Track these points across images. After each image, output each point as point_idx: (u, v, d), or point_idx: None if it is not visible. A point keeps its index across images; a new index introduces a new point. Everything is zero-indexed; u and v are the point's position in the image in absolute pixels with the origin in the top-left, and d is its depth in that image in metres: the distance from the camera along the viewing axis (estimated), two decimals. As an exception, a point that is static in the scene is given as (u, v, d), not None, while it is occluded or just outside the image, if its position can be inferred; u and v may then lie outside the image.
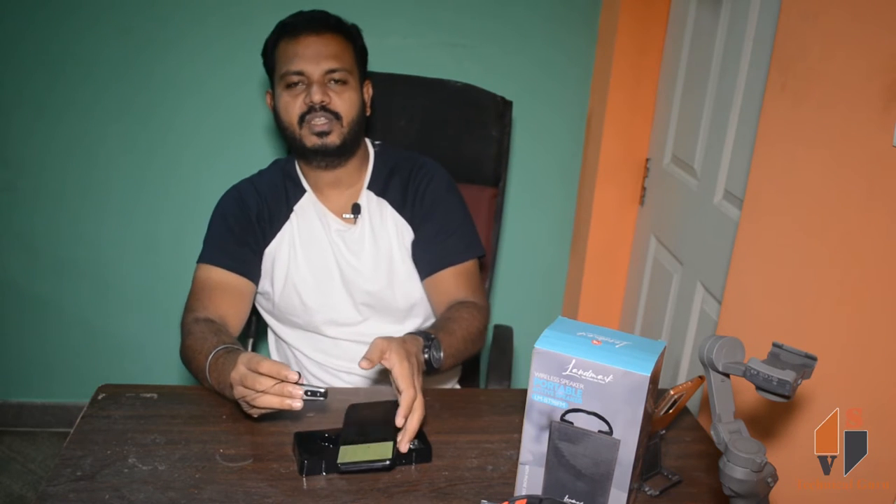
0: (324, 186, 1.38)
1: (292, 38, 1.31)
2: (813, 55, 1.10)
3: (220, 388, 1.11)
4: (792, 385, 0.74)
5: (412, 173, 1.42)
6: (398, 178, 1.41)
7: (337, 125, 1.30)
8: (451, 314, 1.30)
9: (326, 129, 1.30)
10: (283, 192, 1.39)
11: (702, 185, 1.70)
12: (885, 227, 0.95)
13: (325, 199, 1.39)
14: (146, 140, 2.07)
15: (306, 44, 1.29)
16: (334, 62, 1.29)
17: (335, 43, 1.31)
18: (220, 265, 1.33)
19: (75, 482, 0.94)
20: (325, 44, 1.30)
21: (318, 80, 1.29)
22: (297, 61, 1.29)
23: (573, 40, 2.10)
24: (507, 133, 1.67)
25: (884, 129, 0.94)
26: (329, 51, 1.30)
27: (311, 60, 1.29)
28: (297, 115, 1.30)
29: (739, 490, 0.76)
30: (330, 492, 0.96)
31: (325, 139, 1.30)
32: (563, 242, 2.30)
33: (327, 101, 1.29)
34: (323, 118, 1.29)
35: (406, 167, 1.43)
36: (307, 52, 1.29)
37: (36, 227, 2.13)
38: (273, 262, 1.36)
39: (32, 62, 1.97)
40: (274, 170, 1.44)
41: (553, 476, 0.89)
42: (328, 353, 1.40)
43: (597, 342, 0.85)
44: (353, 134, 1.33)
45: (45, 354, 2.26)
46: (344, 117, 1.31)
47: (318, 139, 1.30)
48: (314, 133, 1.30)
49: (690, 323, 1.73)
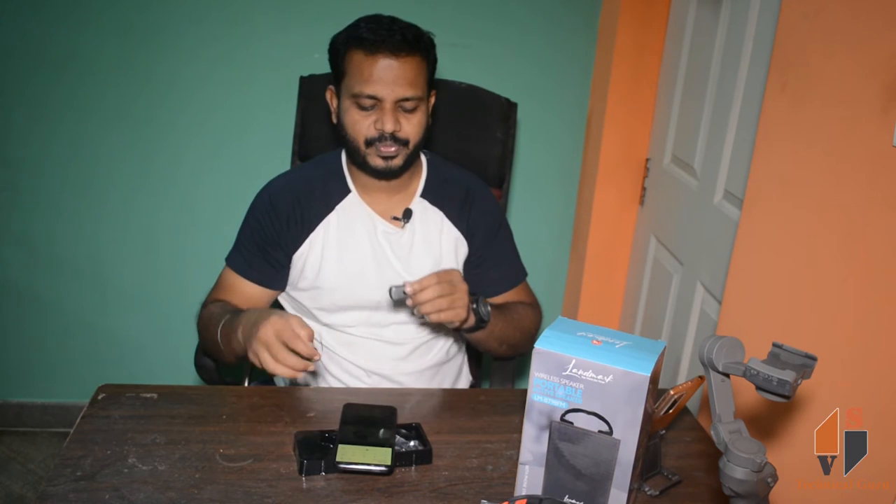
0: (372, 189, 1.37)
1: (369, 55, 1.24)
2: (813, 55, 1.10)
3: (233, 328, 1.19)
4: (792, 385, 0.74)
5: (471, 190, 1.44)
6: (455, 191, 1.42)
7: (404, 150, 1.30)
8: (506, 305, 1.40)
9: (393, 154, 1.29)
10: (324, 190, 1.38)
11: (702, 185, 1.70)
12: (886, 227, 0.95)
13: (372, 202, 1.38)
14: (146, 140, 2.07)
15: (384, 66, 1.23)
16: (410, 90, 1.25)
17: (412, 67, 1.25)
18: (244, 276, 1.37)
19: (75, 482, 0.94)
20: (404, 68, 1.24)
21: (391, 108, 1.25)
22: (373, 85, 1.24)
23: (573, 40, 2.10)
24: (511, 135, 1.66)
25: (884, 129, 0.94)
26: (407, 77, 1.25)
27: (387, 86, 1.24)
28: (365, 137, 1.28)
29: (739, 490, 0.76)
30: (330, 492, 0.96)
31: (391, 162, 1.30)
32: (563, 242, 2.30)
33: (398, 130, 1.27)
34: (393, 146, 1.28)
35: (463, 182, 1.44)
36: (384, 76, 1.23)
37: (36, 227, 2.13)
38: (304, 262, 1.36)
39: (32, 62, 1.97)
40: (316, 166, 1.43)
41: (553, 476, 0.89)
42: (354, 352, 1.39)
43: (597, 342, 0.85)
44: (416, 153, 1.34)
45: (45, 354, 2.26)
46: (411, 142, 1.30)
47: (383, 162, 1.30)
48: (380, 156, 1.29)
49: (690, 323, 1.73)
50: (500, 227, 1.47)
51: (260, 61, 2.03)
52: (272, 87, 2.02)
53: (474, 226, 1.42)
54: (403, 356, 1.40)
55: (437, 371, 1.44)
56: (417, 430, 1.08)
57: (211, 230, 2.13)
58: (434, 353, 1.43)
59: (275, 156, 1.99)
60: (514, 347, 1.41)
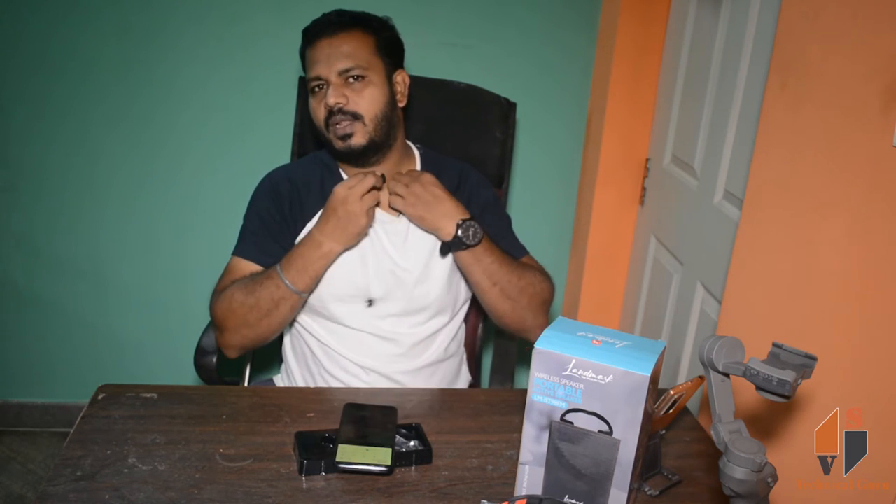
0: None
1: (310, 45, 1.33)
2: (813, 55, 1.10)
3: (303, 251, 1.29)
4: (792, 385, 0.74)
5: (463, 175, 1.46)
6: (449, 178, 1.43)
7: (359, 125, 1.31)
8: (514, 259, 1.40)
9: (349, 132, 1.31)
10: (320, 181, 1.40)
11: (702, 185, 1.70)
12: (886, 227, 0.95)
13: None
14: (146, 140, 2.07)
15: (320, 48, 1.31)
16: (346, 61, 1.30)
17: (350, 40, 1.31)
18: (252, 260, 1.37)
19: (75, 482, 0.94)
20: (338, 44, 1.30)
21: (335, 83, 1.30)
22: (314, 67, 1.31)
23: (573, 40, 2.10)
24: (510, 134, 1.67)
25: (884, 129, 0.94)
26: (342, 50, 1.30)
27: (325, 64, 1.30)
28: (322, 120, 1.32)
29: (739, 490, 0.76)
30: (330, 492, 0.96)
31: (350, 141, 1.32)
32: (563, 242, 2.30)
33: (343, 103, 1.30)
34: (343, 120, 1.30)
35: (453, 168, 1.46)
36: (321, 55, 1.30)
37: (36, 227, 2.13)
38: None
39: (32, 62, 1.97)
40: (310, 160, 1.46)
41: (553, 476, 0.89)
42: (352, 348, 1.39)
43: (597, 342, 0.85)
44: (382, 130, 1.34)
45: (45, 354, 2.26)
46: (365, 115, 1.31)
47: (342, 142, 1.32)
48: (338, 136, 1.32)
49: (690, 323, 1.73)
50: (494, 206, 1.48)
51: (260, 61, 2.03)
52: (272, 87, 2.02)
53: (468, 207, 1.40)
54: (401, 353, 1.40)
55: (435, 369, 1.44)
56: (417, 430, 1.08)
57: (211, 230, 2.13)
58: (432, 350, 1.43)
59: (275, 156, 1.98)
60: (512, 300, 1.35)
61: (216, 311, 1.33)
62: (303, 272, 1.29)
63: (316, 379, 1.42)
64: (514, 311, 1.37)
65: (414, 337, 1.40)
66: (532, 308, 1.37)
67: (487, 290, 1.35)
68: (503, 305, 1.36)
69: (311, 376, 1.43)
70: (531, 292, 1.37)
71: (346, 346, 1.39)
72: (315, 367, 1.42)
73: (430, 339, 1.43)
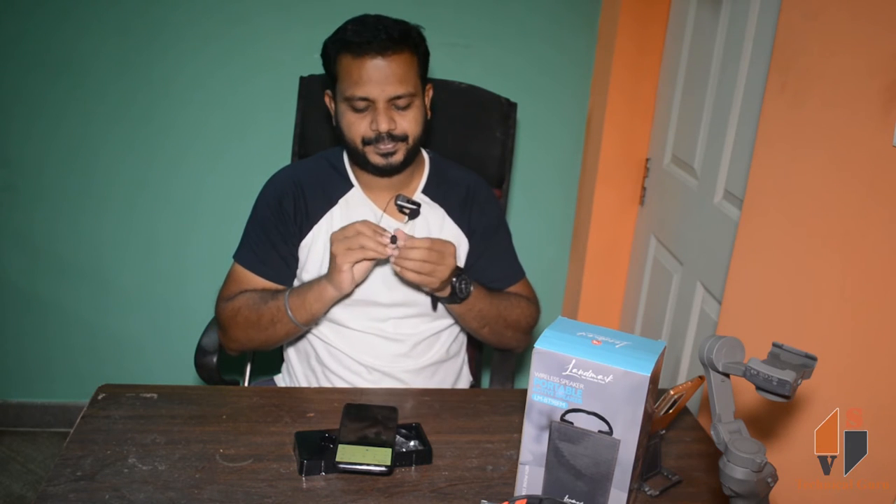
0: (374, 186, 1.38)
1: (356, 58, 1.25)
2: (813, 55, 1.10)
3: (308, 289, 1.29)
4: (792, 385, 0.74)
5: (472, 189, 1.45)
6: (457, 189, 1.43)
7: (402, 146, 1.31)
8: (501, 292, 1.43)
9: (392, 150, 1.30)
10: (326, 184, 1.40)
11: (702, 185, 1.70)
12: (885, 227, 0.95)
13: (375, 197, 1.39)
14: (146, 140, 2.07)
15: (372, 66, 1.24)
16: (399, 87, 1.26)
17: (401, 63, 1.26)
18: (251, 269, 1.38)
19: (75, 482, 0.94)
20: (391, 67, 1.25)
21: (384, 107, 1.27)
22: (363, 87, 1.25)
23: (573, 40, 2.10)
24: (511, 135, 1.67)
25: (884, 129, 0.94)
26: (395, 74, 1.25)
27: (377, 86, 1.25)
28: (362, 138, 1.30)
29: (739, 490, 0.76)
30: (330, 492, 0.96)
31: (391, 159, 1.31)
32: (563, 242, 2.30)
33: (393, 128, 1.28)
34: (390, 143, 1.29)
35: (464, 181, 1.45)
36: (372, 75, 1.24)
37: (36, 227, 2.13)
38: (308, 252, 1.37)
39: (32, 62, 1.97)
40: (318, 160, 1.44)
41: (553, 476, 0.89)
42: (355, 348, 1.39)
43: (597, 342, 0.85)
44: (418, 146, 1.35)
45: (45, 354, 2.26)
46: (409, 137, 1.31)
47: (383, 159, 1.31)
48: (379, 154, 1.30)
49: (690, 323, 1.73)
50: (500, 225, 1.48)
51: (260, 61, 2.03)
52: (272, 87, 2.02)
53: (475, 224, 1.43)
54: (404, 352, 1.40)
55: (437, 369, 1.44)
56: (417, 430, 1.08)
57: (211, 230, 2.13)
58: (434, 350, 1.43)
59: (275, 156, 1.99)
60: (499, 335, 1.42)
61: (221, 319, 1.36)
62: (302, 308, 1.30)
63: (319, 377, 1.42)
64: (500, 342, 1.47)
65: (416, 337, 1.41)
66: (516, 337, 1.46)
67: (477, 330, 1.41)
68: (490, 338, 1.45)
69: (313, 375, 1.43)
70: (517, 326, 1.44)
71: (350, 346, 1.39)
72: (318, 365, 1.42)
73: (433, 339, 1.43)
